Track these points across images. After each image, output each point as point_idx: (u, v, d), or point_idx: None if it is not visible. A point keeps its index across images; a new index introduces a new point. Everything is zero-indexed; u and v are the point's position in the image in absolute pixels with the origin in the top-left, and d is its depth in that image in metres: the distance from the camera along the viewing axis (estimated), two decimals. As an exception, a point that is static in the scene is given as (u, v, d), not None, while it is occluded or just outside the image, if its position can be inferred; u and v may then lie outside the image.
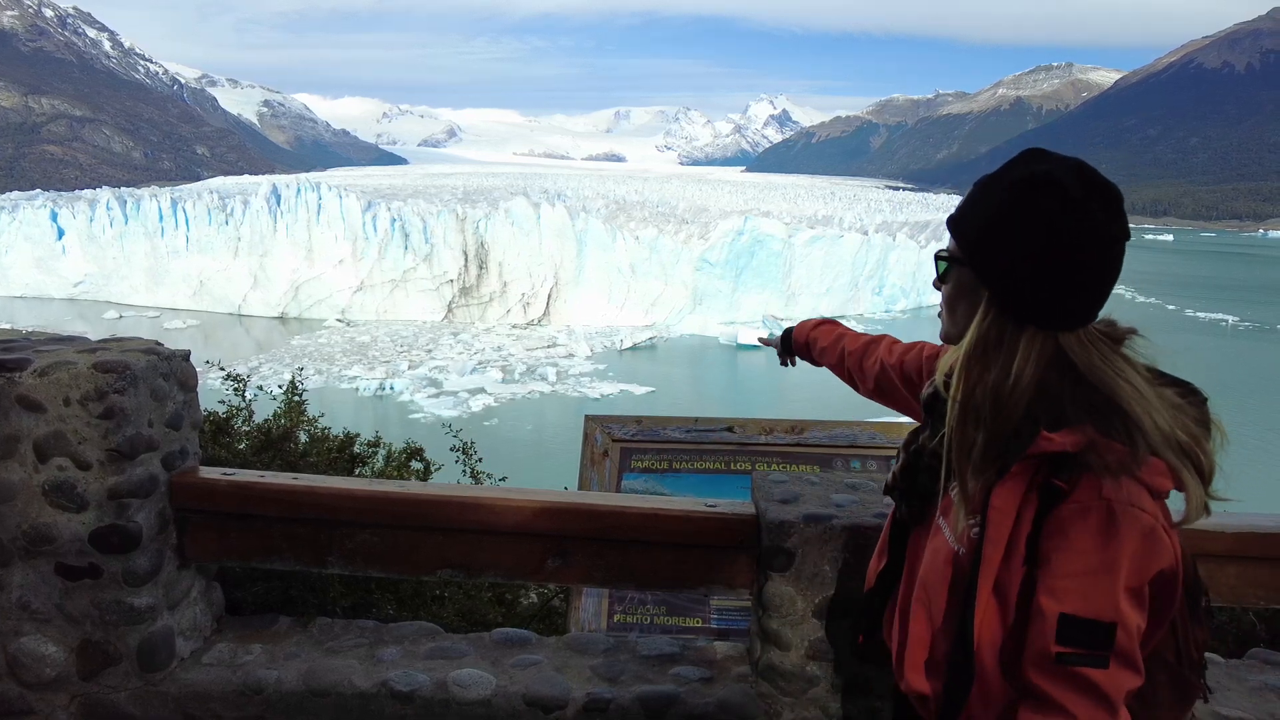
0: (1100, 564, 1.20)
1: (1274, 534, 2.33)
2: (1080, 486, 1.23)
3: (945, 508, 1.45)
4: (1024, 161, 1.35)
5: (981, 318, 1.34)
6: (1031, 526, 1.27)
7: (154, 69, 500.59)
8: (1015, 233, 1.30)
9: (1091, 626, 1.21)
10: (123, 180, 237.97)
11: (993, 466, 1.30)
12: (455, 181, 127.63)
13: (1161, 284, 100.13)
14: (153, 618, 2.29)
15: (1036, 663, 1.25)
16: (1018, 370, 1.30)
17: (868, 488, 2.45)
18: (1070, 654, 1.21)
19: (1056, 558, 1.23)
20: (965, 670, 1.32)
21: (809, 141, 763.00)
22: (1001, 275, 1.32)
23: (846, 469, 3.79)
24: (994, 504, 1.29)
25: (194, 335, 62.02)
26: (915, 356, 1.90)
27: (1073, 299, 1.30)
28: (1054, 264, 1.28)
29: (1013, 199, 1.31)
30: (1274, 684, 2.45)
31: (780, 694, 2.30)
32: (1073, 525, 1.23)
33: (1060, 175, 1.28)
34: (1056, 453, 1.25)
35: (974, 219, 1.37)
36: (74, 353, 2.23)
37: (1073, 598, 1.22)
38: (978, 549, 1.31)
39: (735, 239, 65.71)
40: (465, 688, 2.34)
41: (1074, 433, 1.25)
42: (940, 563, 1.40)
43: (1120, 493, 1.21)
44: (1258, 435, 43.17)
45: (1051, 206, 1.27)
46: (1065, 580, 1.23)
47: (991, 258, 1.33)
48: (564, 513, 2.34)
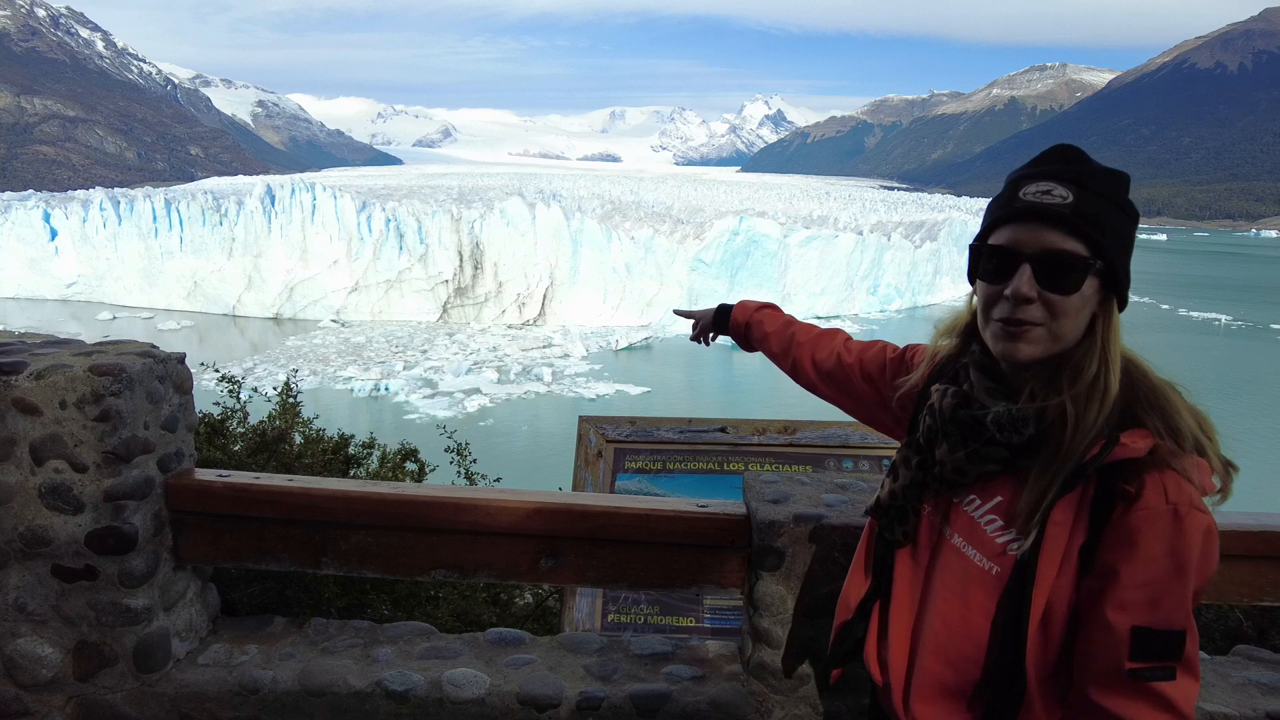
0: (1171, 570, 1.16)
1: (1256, 532, 2.36)
2: (1146, 491, 1.19)
3: (959, 524, 1.38)
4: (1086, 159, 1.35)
5: (1108, 317, 1.31)
6: (1085, 537, 1.22)
7: (147, 69, 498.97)
8: (1129, 229, 1.32)
9: (1165, 637, 1.16)
10: (116, 181, 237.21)
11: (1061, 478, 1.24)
12: (450, 182, 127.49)
13: (1155, 283, 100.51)
14: (149, 619, 2.30)
15: (1104, 681, 1.19)
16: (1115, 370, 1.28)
17: (858, 488, 2.48)
18: (1144, 669, 1.16)
19: (1125, 568, 1.18)
20: (1012, 696, 1.25)
21: (804, 141, 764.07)
22: (1122, 273, 1.31)
23: (839, 469, 3.83)
24: (1054, 518, 1.23)
25: (188, 336, 61.87)
26: (877, 354, 1.83)
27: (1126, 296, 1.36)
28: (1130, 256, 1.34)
29: (1122, 198, 1.32)
30: (1257, 680, 2.49)
31: (771, 692, 2.32)
32: (1142, 532, 1.17)
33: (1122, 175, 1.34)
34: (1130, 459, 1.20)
35: (1106, 216, 1.29)
36: (70, 355, 2.24)
37: (1144, 609, 1.17)
38: (1023, 567, 1.25)
39: (730, 239, 65.81)
40: (459, 687, 2.36)
41: (1141, 435, 1.21)
42: (967, 584, 1.33)
43: (1184, 495, 1.18)
44: (1251, 434, 43.35)
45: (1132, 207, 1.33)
46: (1135, 591, 1.17)
47: (1121, 258, 1.31)
48: (556, 513, 2.36)
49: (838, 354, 1.91)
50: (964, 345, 1.49)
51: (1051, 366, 1.32)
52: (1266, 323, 77.29)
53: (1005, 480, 1.34)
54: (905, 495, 1.47)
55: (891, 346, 1.83)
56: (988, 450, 1.33)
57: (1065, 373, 1.29)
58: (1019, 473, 1.32)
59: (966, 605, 1.32)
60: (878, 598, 1.54)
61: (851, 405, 1.91)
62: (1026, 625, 1.23)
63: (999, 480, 1.35)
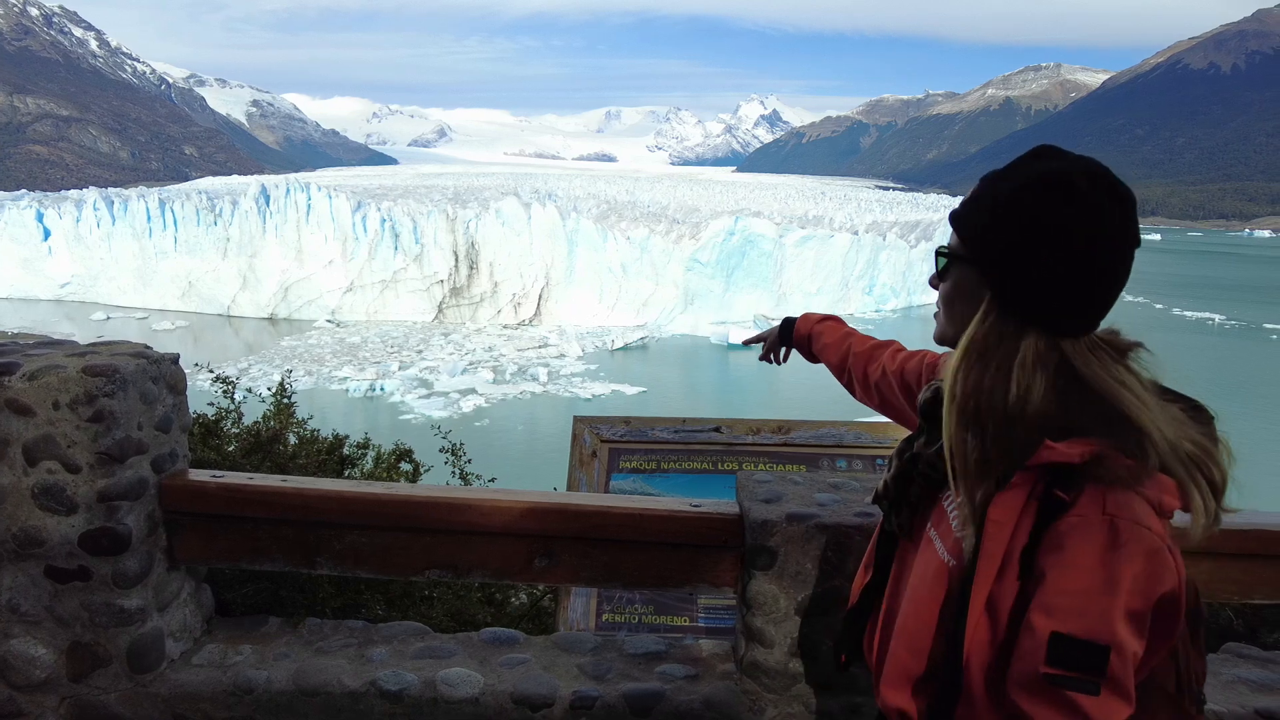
0: (1100, 583, 1.13)
1: (1246, 530, 2.38)
2: (1082, 499, 1.17)
3: (937, 518, 1.40)
4: (1036, 158, 1.29)
5: (982, 318, 1.29)
6: (1028, 539, 1.20)
7: (141, 68, 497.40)
8: (1024, 231, 1.24)
9: (1085, 648, 1.13)
10: (110, 180, 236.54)
11: (992, 476, 1.24)
12: (446, 181, 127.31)
13: (1150, 283, 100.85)
14: (142, 619, 2.30)
15: (1022, 682, 1.18)
16: (1018, 375, 1.24)
17: (850, 487, 2.49)
18: (1060, 676, 1.14)
19: (1053, 573, 1.17)
20: (952, 689, 1.26)
21: (799, 142, 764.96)
22: (1006, 274, 1.26)
23: (832, 468, 3.84)
24: (992, 516, 1.23)
25: (183, 336, 61.68)
26: (916, 364, 1.83)
27: (1078, 304, 1.24)
28: (1062, 266, 1.22)
29: (1024, 197, 1.25)
30: (1246, 677, 2.51)
31: (764, 690, 2.33)
32: (1072, 540, 1.16)
33: (1074, 175, 1.23)
34: (1059, 464, 1.19)
35: (980, 215, 1.31)
36: (63, 356, 2.24)
37: (1068, 616, 1.14)
38: (970, 562, 1.25)
39: (726, 239, 65.84)
40: (453, 687, 2.36)
41: (1080, 443, 1.19)
42: (930, 576, 1.34)
43: (1126, 509, 1.15)
44: (1243, 433, 43.47)
45: (1063, 207, 1.22)
46: (1061, 597, 1.15)
47: (997, 256, 1.27)
48: (550, 513, 2.37)
49: (883, 366, 1.91)
50: None
51: None
52: (1260, 322, 77.62)
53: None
54: (895, 486, 1.49)
55: (932, 355, 1.81)
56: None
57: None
58: None
59: (929, 596, 1.34)
60: (878, 587, 1.55)
61: (900, 419, 1.92)
62: (964, 619, 1.24)
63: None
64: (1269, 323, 76.81)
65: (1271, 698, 2.42)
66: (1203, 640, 1.31)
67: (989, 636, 1.23)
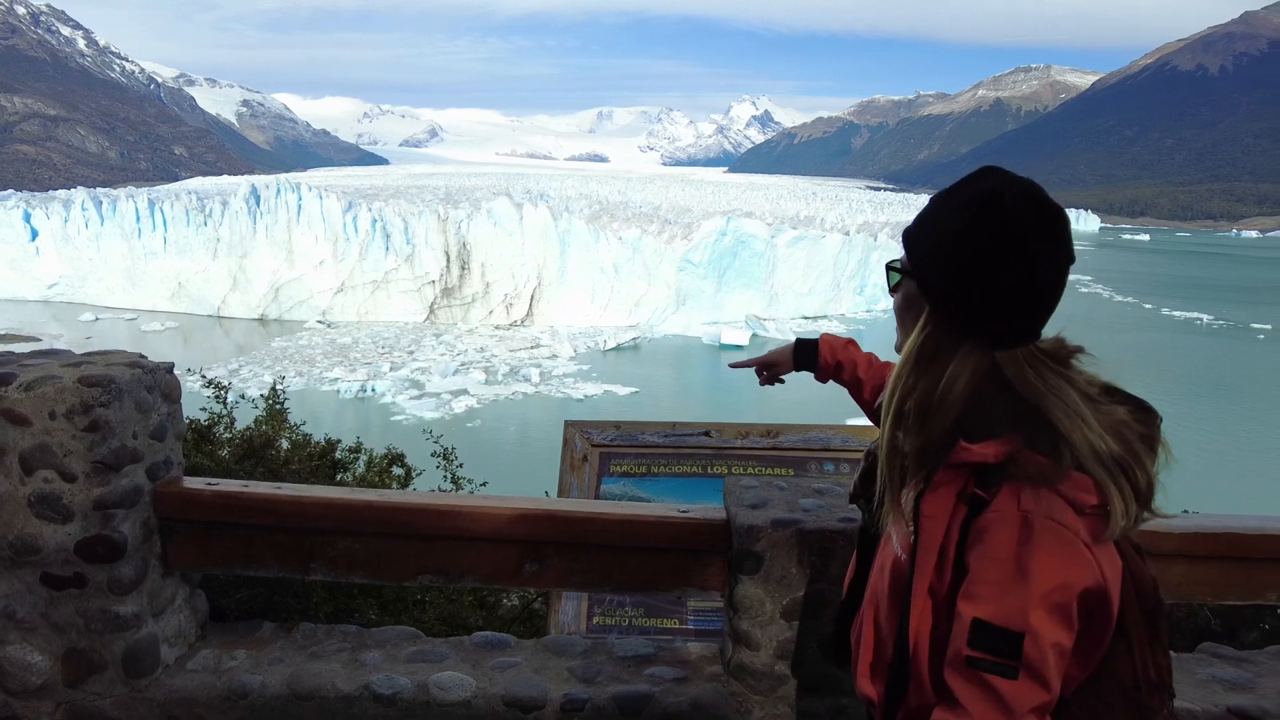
0: (1013, 573, 1.21)
1: (1219, 534, 2.45)
2: (1000, 496, 1.25)
3: (898, 514, 1.46)
4: (975, 179, 1.35)
5: (919, 330, 1.36)
6: (960, 534, 1.28)
7: (130, 68, 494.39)
8: (957, 249, 1.31)
9: (1002, 634, 1.21)
10: (98, 180, 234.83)
11: (919, 475, 1.33)
12: (437, 182, 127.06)
13: (1139, 283, 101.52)
14: (138, 625, 2.33)
15: (951, 663, 1.27)
16: (948, 382, 1.31)
17: (834, 493, 2.54)
18: (979, 658, 1.22)
19: (975, 565, 1.25)
20: (903, 674, 1.34)
21: (791, 142, 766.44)
22: (941, 289, 1.33)
23: (820, 471, 3.89)
24: (925, 511, 1.32)
25: (172, 337, 61.36)
26: None
27: (1012, 318, 1.30)
28: (994, 282, 1.28)
29: (959, 216, 1.32)
30: (1220, 676, 2.57)
31: (751, 692, 2.38)
32: (990, 534, 1.24)
33: (1005, 195, 1.29)
34: (979, 463, 1.27)
35: (923, 233, 1.39)
36: (59, 366, 2.27)
37: (987, 604, 1.22)
38: (914, 555, 1.34)
39: (718, 239, 65.93)
40: (446, 690, 2.40)
41: (995, 444, 1.26)
42: (887, 569, 1.43)
43: (1039, 504, 1.22)
44: (1229, 430, 43.91)
45: (994, 225, 1.28)
46: (980, 586, 1.24)
47: (934, 272, 1.34)
48: (540, 519, 2.41)
49: None
50: None
51: None
52: (1247, 322, 78.24)
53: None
54: (862, 485, 1.59)
55: None
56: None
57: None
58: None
59: (887, 588, 1.43)
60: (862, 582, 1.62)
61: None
62: (908, 608, 1.33)
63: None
64: (1256, 322, 77.44)
65: (1244, 696, 2.48)
66: (1165, 635, 1.37)
67: (930, 624, 1.32)
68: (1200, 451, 38.51)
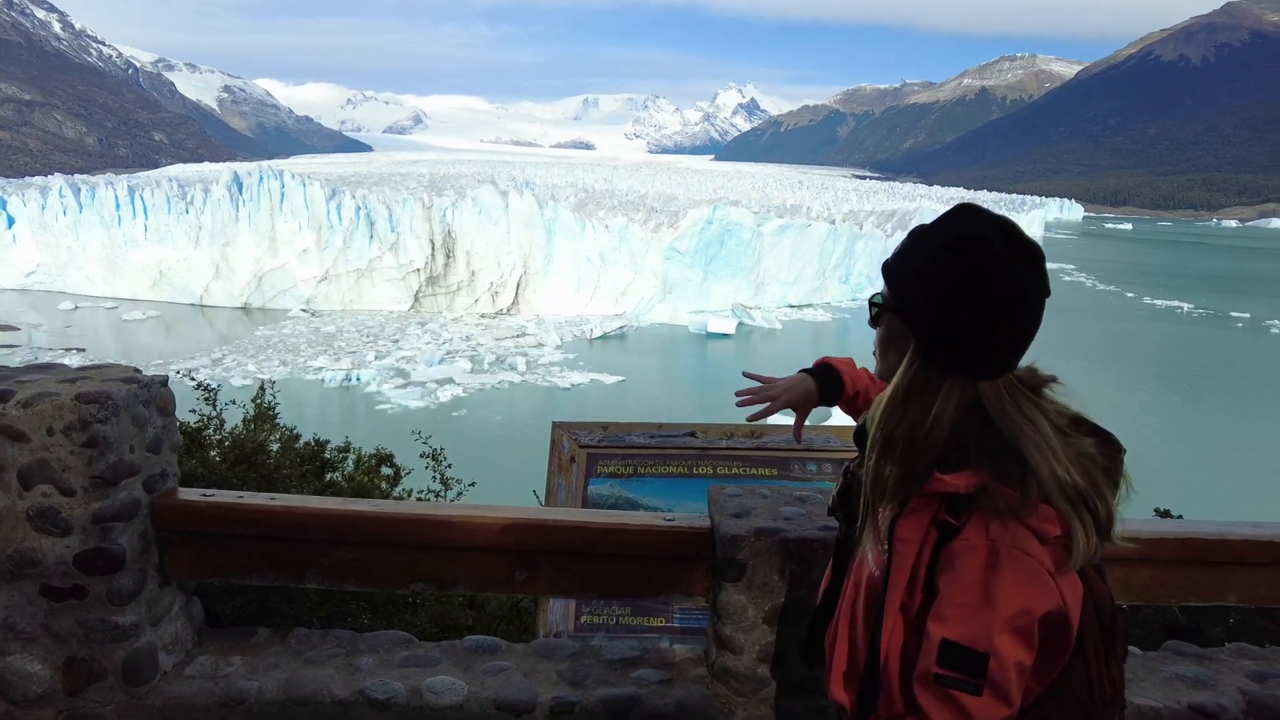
0: (980, 598, 1.30)
1: (1182, 539, 2.55)
2: (969, 525, 1.33)
3: (873, 531, 1.55)
4: (957, 220, 1.42)
5: (908, 365, 1.43)
6: (930, 558, 1.37)
7: (107, 52, 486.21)
8: (944, 288, 1.38)
9: (968, 654, 1.29)
10: (76, 167, 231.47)
11: (895, 501, 1.42)
12: (421, 169, 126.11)
13: (1121, 272, 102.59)
14: (136, 635, 2.39)
15: (920, 679, 1.35)
16: (935, 415, 1.39)
17: (815, 500, 2.62)
18: (947, 676, 1.31)
19: (945, 588, 1.34)
20: (874, 685, 1.44)
21: (777, 130, 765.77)
22: (929, 326, 1.40)
23: (803, 471, 3.98)
24: (899, 535, 1.41)
25: (154, 327, 60.79)
26: None
27: (995, 351, 1.38)
28: (980, 320, 1.36)
29: (944, 256, 1.39)
30: (1184, 674, 2.68)
31: (734, 694, 2.47)
32: (959, 560, 1.32)
33: (990, 236, 1.37)
34: (951, 493, 1.36)
35: (906, 271, 1.45)
36: (55, 382, 2.31)
37: (954, 625, 1.31)
38: (887, 574, 1.43)
39: (704, 228, 65.93)
40: (439, 694, 2.47)
41: (968, 475, 1.35)
42: (863, 584, 1.51)
43: (1006, 535, 1.30)
44: (1208, 418, 44.59)
45: (980, 266, 1.36)
46: (950, 609, 1.32)
47: (921, 309, 1.41)
48: (529, 528, 2.48)
49: None
50: None
51: None
52: (1226, 310, 79.26)
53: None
54: (840, 501, 1.68)
55: None
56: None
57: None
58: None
59: (861, 602, 1.51)
60: (836, 591, 1.72)
61: None
62: (881, 623, 1.41)
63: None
64: (1235, 311, 78.47)
65: (1205, 693, 2.59)
66: (1121, 650, 1.48)
67: (901, 640, 1.41)
68: (1176, 440, 39.09)
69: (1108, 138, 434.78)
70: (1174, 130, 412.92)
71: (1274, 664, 2.75)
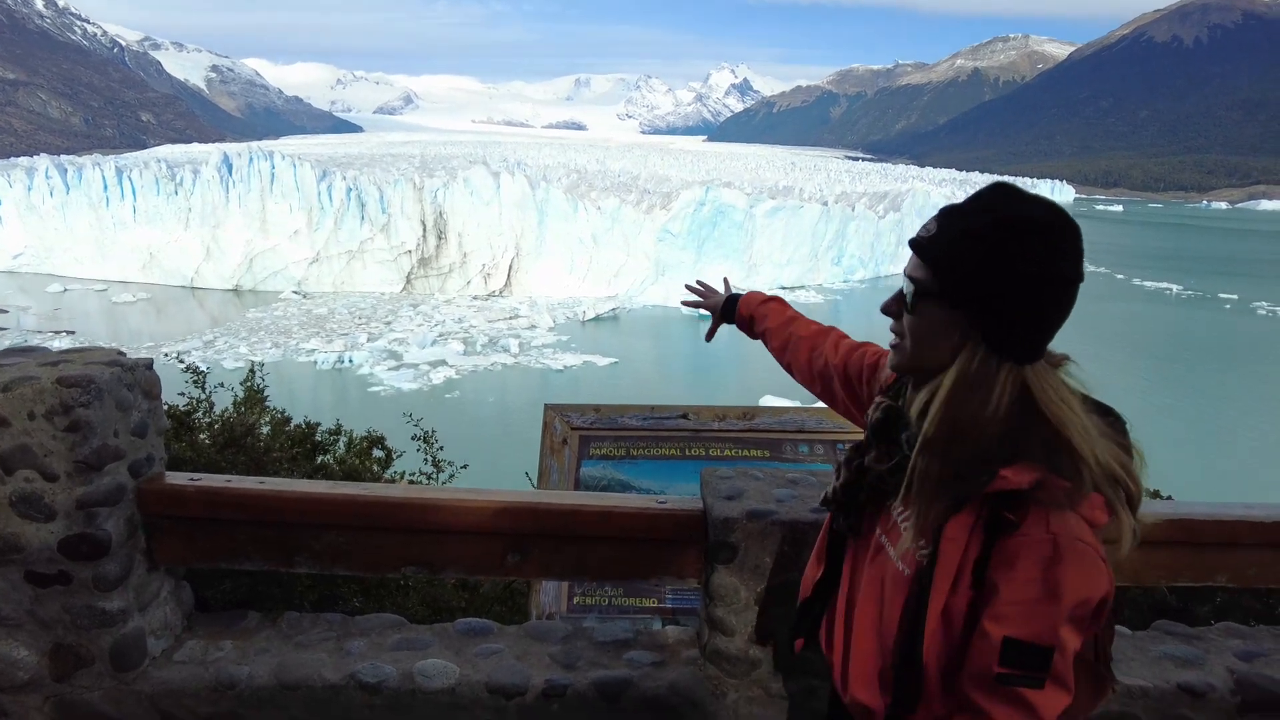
0: (1043, 593, 1.28)
1: (1173, 520, 2.55)
2: (1029, 521, 1.30)
3: (886, 526, 1.53)
4: (1006, 201, 1.38)
5: (970, 355, 1.37)
6: (979, 554, 1.33)
7: (92, 30, 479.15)
8: (1008, 273, 1.33)
9: (1031, 650, 1.29)
10: (62, 148, 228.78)
11: (949, 498, 1.36)
12: (412, 150, 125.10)
13: (1111, 254, 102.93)
14: (124, 620, 2.36)
15: (977, 680, 1.33)
16: (994, 407, 1.35)
17: (807, 482, 2.61)
18: (1009, 674, 1.30)
19: (1004, 587, 1.30)
20: (913, 686, 1.41)
21: (770, 111, 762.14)
22: (995, 313, 1.35)
23: (795, 453, 3.97)
24: (947, 534, 1.36)
25: (145, 309, 60.42)
26: (859, 359, 1.92)
27: (1045, 335, 1.37)
28: (1038, 303, 1.33)
29: (1004, 239, 1.34)
30: (1172, 654, 2.69)
31: (726, 676, 2.47)
32: (1020, 557, 1.29)
33: (1048, 219, 1.34)
34: (1012, 490, 1.31)
35: (960, 256, 1.38)
36: (36, 366, 2.27)
37: (1016, 623, 1.29)
38: (925, 572, 1.38)
39: (697, 209, 65.76)
40: (430, 677, 2.46)
41: (1027, 470, 1.31)
42: (889, 584, 1.47)
43: (1065, 527, 1.28)
44: (1195, 395, 44.89)
45: (1042, 250, 1.33)
46: (1010, 607, 1.30)
47: (982, 296, 1.35)
48: (521, 512, 2.46)
49: (825, 356, 1.99)
50: None
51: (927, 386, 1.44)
52: (1214, 292, 79.66)
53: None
54: (845, 493, 1.62)
55: (872, 351, 1.92)
56: (904, 463, 1.46)
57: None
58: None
59: (885, 601, 1.48)
60: (830, 582, 1.69)
61: (835, 404, 2.00)
62: (923, 624, 1.38)
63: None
64: (1223, 292, 78.86)
65: (1193, 672, 2.61)
66: (1114, 616, 1.49)
67: (944, 640, 1.38)
68: (1165, 421, 39.36)
69: (1099, 119, 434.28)
70: (1165, 112, 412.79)
71: (1262, 643, 2.77)
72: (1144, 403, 42.12)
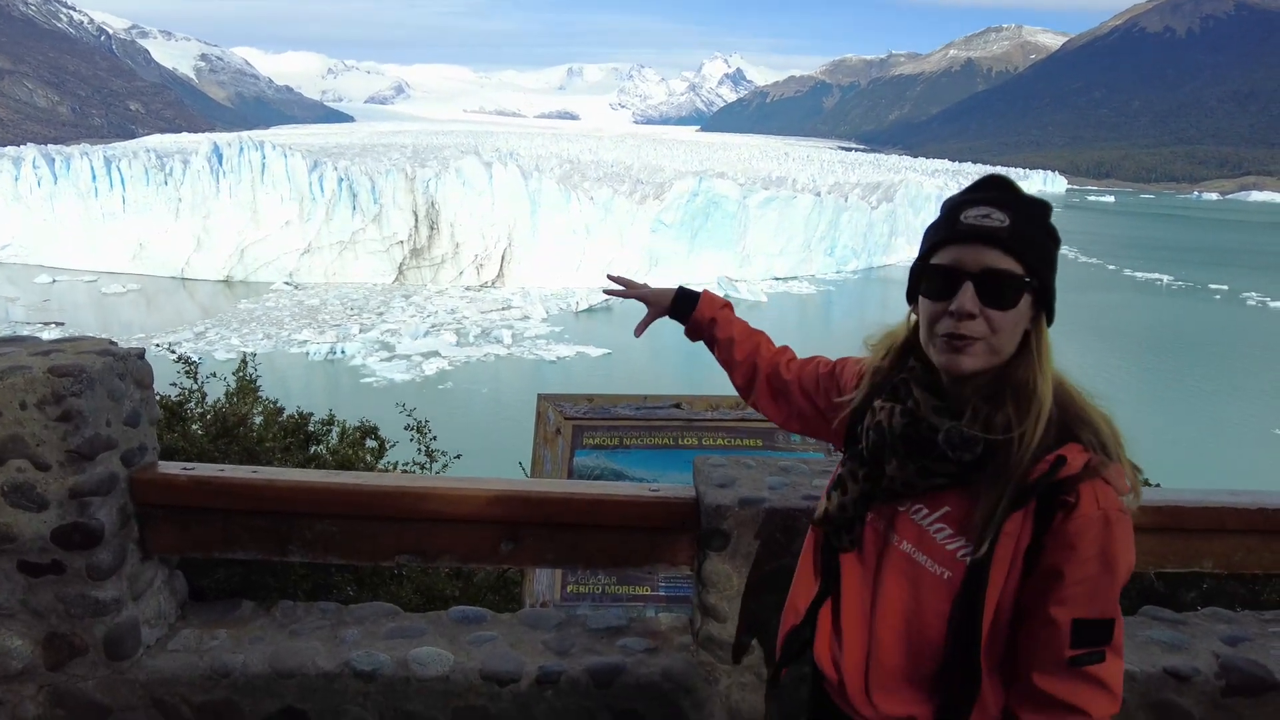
0: (1103, 567, 1.31)
1: (1160, 506, 2.58)
2: (1082, 500, 1.32)
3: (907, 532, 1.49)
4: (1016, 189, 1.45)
5: (1045, 340, 1.42)
6: (1030, 541, 1.34)
7: (78, 18, 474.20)
8: (1057, 249, 1.45)
9: (1099, 625, 1.33)
10: (49, 137, 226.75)
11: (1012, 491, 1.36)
12: (404, 140, 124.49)
13: (1103, 244, 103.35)
14: (117, 609, 2.37)
15: (1047, 669, 1.35)
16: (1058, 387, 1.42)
17: (799, 470, 2.63)
18: (1080, 655, 1.33)
19: (1067, 569, 1.32)
20: (968, 687, 1.40)
21: (763, 101, 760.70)
22: (1050, 290, 1.43)
23: (787, 442, 4.00)
24: (1005, 529, 1.36)
25: (135, 300, 60.04)
26: (812, 371, 1.90)
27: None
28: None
29: (1049, 224, 1.44)
30: (1158, 638, 2.72)
31: (718, 662, 2.49)
32: (1081, 537, 1.32)
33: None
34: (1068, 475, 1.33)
35: (1040, 243, 1.42)
36: (27, 355, 2.26)
37: (1082, 603, 1.32)
38: (980, 571, 1.37)
39: (690, 200, 65.64)
40: (424, 665, 2.48)
41: (1078, 451, 1.35)
42: (925, 590, 1.45)
43: (1111, 500, 1.33)
44: (1184, 386, 45.21)
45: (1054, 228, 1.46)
46: (1075, 588, 1.32)
47: (1049, 277, 1.42)
48: (514, 500, 2.47)
49: (780, 372, 1.96)
50: (899, 361, 1.58)
51: (992, 382, 1.42)
52: (1205, 282, 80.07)
53: (952, 492, 1.45)
54: (855, 507, 1.56)
55: (824, 361, 1.92)
56: (938, 466, 1.44)
57: (1008, 388, 1.40)
58: (965, 485, 1.43)
59: (920, 606, 1.46)
60: (826, 600, 1.63)
61: (790, 420, 1.97)
62: (981, 625, 1.37)
63: (946, 492, 1.46)
64: (1213, 283, 79.28)
65: (1180, 657, 2.64)
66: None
67: (999, 634, 1.40)
68: (1154, 409, 39.64)
69: (1091, 109, 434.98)
70: (1157, 103, 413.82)
71: (1246, 628, 2.81)
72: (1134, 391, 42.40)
